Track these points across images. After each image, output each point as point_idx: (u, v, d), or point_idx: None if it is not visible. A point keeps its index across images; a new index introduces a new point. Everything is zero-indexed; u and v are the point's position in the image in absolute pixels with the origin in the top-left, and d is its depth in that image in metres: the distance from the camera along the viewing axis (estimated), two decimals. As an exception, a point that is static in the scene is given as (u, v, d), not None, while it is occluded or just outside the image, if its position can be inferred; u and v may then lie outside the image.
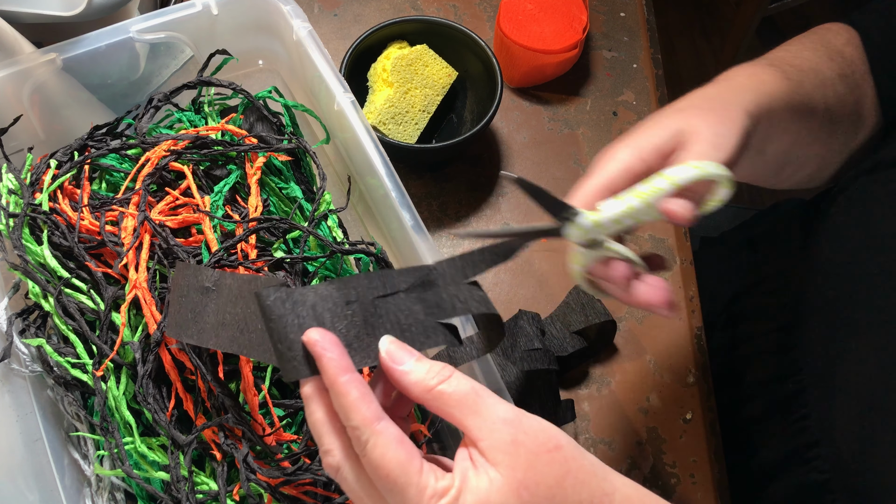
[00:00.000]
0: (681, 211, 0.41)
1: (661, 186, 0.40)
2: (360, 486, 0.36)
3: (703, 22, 2.04)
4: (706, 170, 0.40)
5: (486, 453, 0.35)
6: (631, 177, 0.44)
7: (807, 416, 0.57)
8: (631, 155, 0.44)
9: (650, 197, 0.41)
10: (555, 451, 0.35)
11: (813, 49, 0.57)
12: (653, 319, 0.72)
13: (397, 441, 0.34)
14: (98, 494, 0.55)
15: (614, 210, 0.41)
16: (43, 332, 0.57)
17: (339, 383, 0.35)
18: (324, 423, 0.36)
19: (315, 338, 0.36)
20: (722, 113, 0.45)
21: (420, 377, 0.36)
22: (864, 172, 0.56)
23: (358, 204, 0.66)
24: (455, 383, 0.36)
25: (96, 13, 0.61)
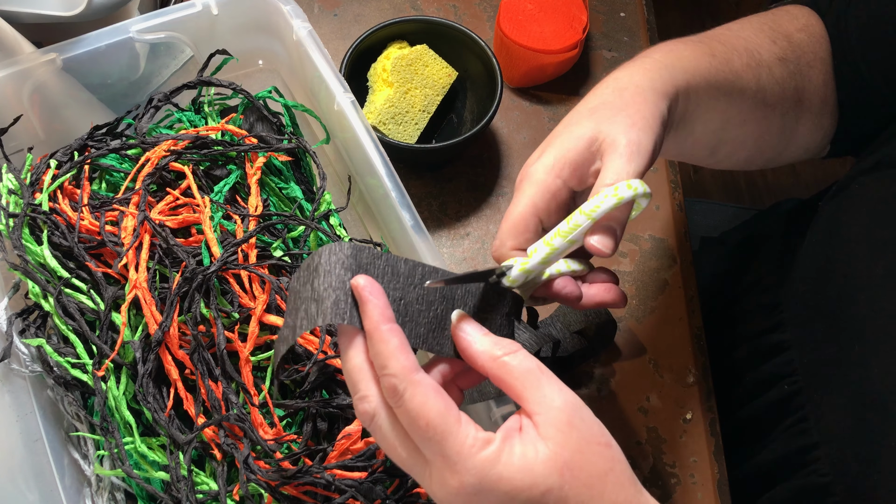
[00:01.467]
0: (603, 249, 0.42)
1: (581, 223, 0.42)
2: (395, 434, 0.36)
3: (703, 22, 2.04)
4: (621, 196, 0.41)
5: (540, 427, 0.35)
6: (551, 196, 0.45)
7: (806, 418, 0.57)
8: (547, 174, 0.45)
9: (571, 234, 0.42)
10: (605, 446, 0.36)
11: (756, 29, 0.56)
12: (653, 319, 0.72)
13: (435, 390, 0.35)
14: (98, 494, 0.55)
15: (540, 255, 0.43)
16: (43, 332, 0.57)
17: (381, 330, 0.35)
18: (362, 369, 0.37)
19: (363, 283, 0.36)
20: (635, 109, 0.45)
21: (487, 347, 0.37)
22: (863, 172, 0.56)
23: (358, 204, 0.66)
24: (521, 358, 0.37)
25: (96, 13, 0.61)
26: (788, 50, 0.56)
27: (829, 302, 0.56)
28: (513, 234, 0.44)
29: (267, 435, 0.52)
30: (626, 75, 0.48)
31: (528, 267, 0.43)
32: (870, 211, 0.54)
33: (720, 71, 0.51)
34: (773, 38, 0.56)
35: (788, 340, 0.60)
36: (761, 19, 0.58)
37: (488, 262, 0.74)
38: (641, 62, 0.49)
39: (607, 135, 0.44)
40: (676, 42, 0.53)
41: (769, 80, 0.54)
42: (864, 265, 0.53)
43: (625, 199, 0.41)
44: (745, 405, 0.66)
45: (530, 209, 0.44)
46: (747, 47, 0.54)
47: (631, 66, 0.49)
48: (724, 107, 0.53)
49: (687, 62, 0.50)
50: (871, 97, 0.57)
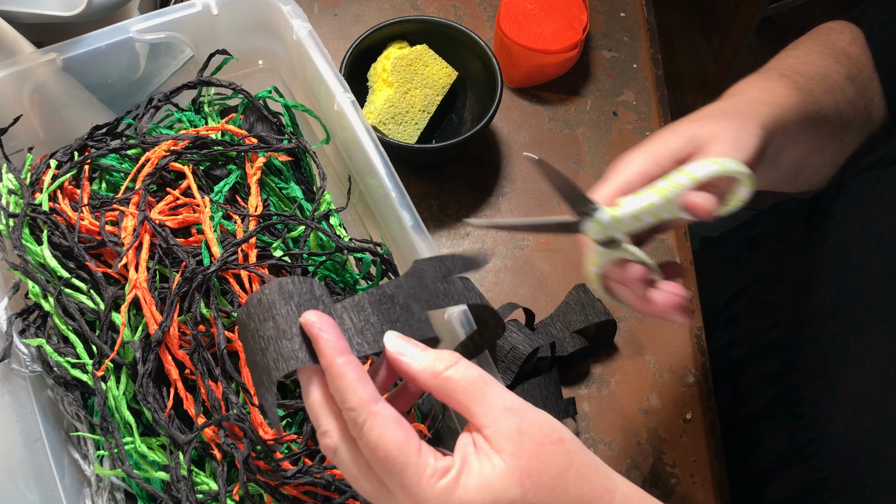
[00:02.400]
0: (703, 203, 0.40)
1: (681, 182, 0.40)
2: (358, 467, 0.36)
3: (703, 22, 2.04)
4: (726, 166, 0.39)
5: (491, 440, 0.35)
6: (647, 181, 0.44)
7: (804, 415, 0.57)
8: (647, 159, 0.44)
9: (670, 192, 0.40)
10: (558, 443, 0.35)
11: (819, 52, 0.57)
12: (653, 319, 0.72)
13: (395, 421, 0.34)
14: (98, 494, 0.55)
15: (634, 206, 0.41)
16: (43, 332, 0.57)
17: (336, 365, 0.35)
18: (321, 405, 0.36)
19: (312, 319, 0.36)
20: (739, 120, 0.45)
21: (427, 364, 0.36)
22: (863, 170, 0.56)
23: (358, 204, 0.66)
24: (462, 370, 0.36)
25: (96, 13, 0.61)
26: (852, 67, 0.56)
27: (826, 298, 0.56)
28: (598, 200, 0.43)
29: (267, 435, 0.52)
30: (728, 104, 0.48)
31: (619, 215, 0.40)
32: (868, 208, 0.54)
33: (807, 103, 0.51)
34: (836, 57, 0.56)
35: (786, 338, 0.61)
36: (816, 40, 0.58)
37: (488, 262, 0.74)
38: (740, 97, 0.49)
39: (711, 132, 0.44)
40: (762, 78, 0.53)
41: (844, 102, 0.55)
42: (862, 261, 0.53)
43: (730, 170, 0.39)
44: (744, 405, 0.66)
45: (622, 185, 0.43)
46: (820, 73, 0.54)
47: (731, 98, 0.49)
48: (811, 136, 0.53)
49: (781, 98, 0.50)
50: None
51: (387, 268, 0.58)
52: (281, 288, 0.37)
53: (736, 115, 0.46)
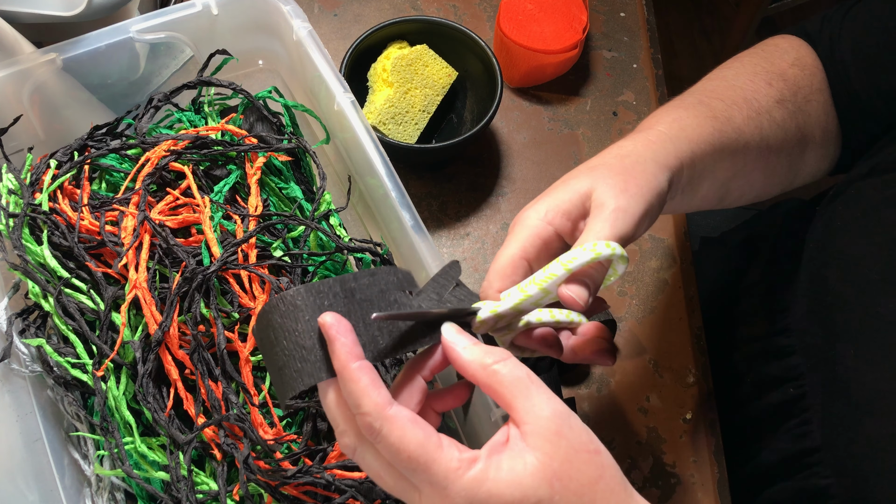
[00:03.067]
0: (575, 299, 0.42)
1: (557, 272, 0.42)
2: (380, 464, 0.36)
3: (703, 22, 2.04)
4: (599, 252, 0.41)
5: (528, 437, 0.35)
6: (541, 242, 0.45)
7: (809, 422, 0.57)
8: (539, 220, 0.45)
9: (547, 284, 0.42)
10: (594, 453, 0.36)
11: (752, 74, 0.57)
12: (653, 319, 0.72)
13: (412, 421, 0.35)
14: (98, 494, 0.55)
15: (512, 301, 0.42)
16: (43, 332, 0.57)
17: (350, 369, 0.35)
18: (338, 405, 0.37)
19: (329, 321, 0.36)
20: (632, 176, 0.45)
21: (477, 356, 0.37)
22: (860, 176, 0.56)
23: (358, 204, 0.66)
24: (511, 366, 0.37)
25: (96, 13, 0.61)
26: (785, 90, 0.56)
27: (828, 306, 0.56)
28: (500, 275, 0.44)
29: (267, 435, 0.52)
30: (630, 144, 0.49)
31: (500, 311, 0.42)
32: (865, 215, 0.54)
33: (723, 133, 0.52)
34: (769, 80, 0.56)
35: (794, 345, 0.60)
36: (754, 60, 0.58)
37: (487, 262, 0.74)
38: (646, 134, 0.50)
39: (598, 195, 0.45)
40: (678, 107, 0.53)
41: (770, 127, 0.55)
42: (860, 268, 0.53)
43: (602, 255, 0.41)
44: (746, 406, 0.66)
45: (519, 252, 0.44)
46: (745, 97, 0.54)
47: (635, 137, 0.50)
48: (729, 164, 0.53)
49: (691, 131, 0.50)
50: (869, 114, 0.58)
51: (387, 268, 0.58)
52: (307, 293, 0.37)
53: (632, 167, 0.46)
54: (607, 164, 0.47)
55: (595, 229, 0.43)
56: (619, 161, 0.47)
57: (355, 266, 0.62)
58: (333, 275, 0.59)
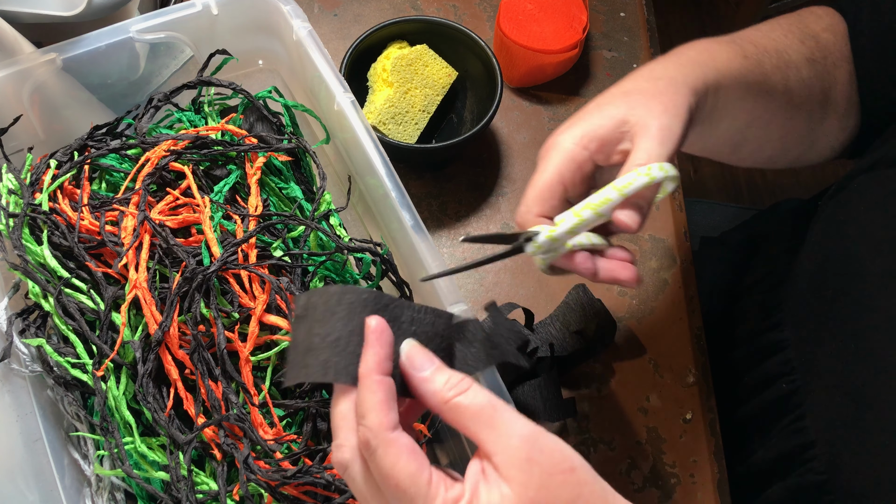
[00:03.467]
0: (629, 223, 0.43)
1: (611, 197, 0.43)
2: (367, 487, 0.36)
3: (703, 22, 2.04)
4: (653, 175, 0.42)
5: (500, 468, 0.34)
6: (576, 165, 0.45)
7: (804, 417, 0.57)
8: (574, 144, 0.46)
9: (601, 207, 0.43)
10: (569, 472, 0.35)
11: (785, 30, 0.57)
12: (653, 319, 0.72)
13: (409, 451, 0.34)
14: (98, 494, 0.55)
15: (568, 224, 0.44)
16: (43, 332, 0.57)
17: (372, 380, 0.35)
18: (346, 417, 0.36)
19: (373, 325, 0.36)
20: (667, 97, 0.46)
21: (438, 387, 0.36)
22: (862, 171, 0.56)
23: (358, 204, 0.66)
24: (472, 396, 0.35)
25: (96, 13, 0.61)
26: (816, 50, 0.57)
27: (827, 301, 0.56)
28: (538, 200, 0.45)
29: (267, 435, 0.52)
30: (661, 67, 0.49)
31: (556, 235, 0.44)
32: (867, 210, 0.54)
33: (751, 71, 0.52)
34: (802, 38, 0.57)
35: (787, 339, 0.61)
36: (789, 20, 0.59)
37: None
38: (677, 57, 0.50)
39: (640, 118, 0.45)
40: (710, 41, 0.53)
41: (797, 81, 0.55)
42: (861, 264, 0.53)
43: (656, 179, 0.42)
44: (744, 404, 0.66)
45: (556, 177, 0.45)
46: (777, 48, 0.55)
47: (665, 60, 0.50)
48: (752, 106, 0.53)
49: (720, 61, 0.51)
50: (885, 99, 0.58)
51: (387, 268, 0.58)
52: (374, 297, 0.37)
53: (665, 88, 0.46)
54: (640, 88, 0.47)
55: (645, 148, 0.44)
56: (652, 84, 0.47)
57: (355, 266, 0.62)
58: (334, 275, 0.59)
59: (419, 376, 0.36)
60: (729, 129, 0.54)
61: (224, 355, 0.52)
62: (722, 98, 0.50)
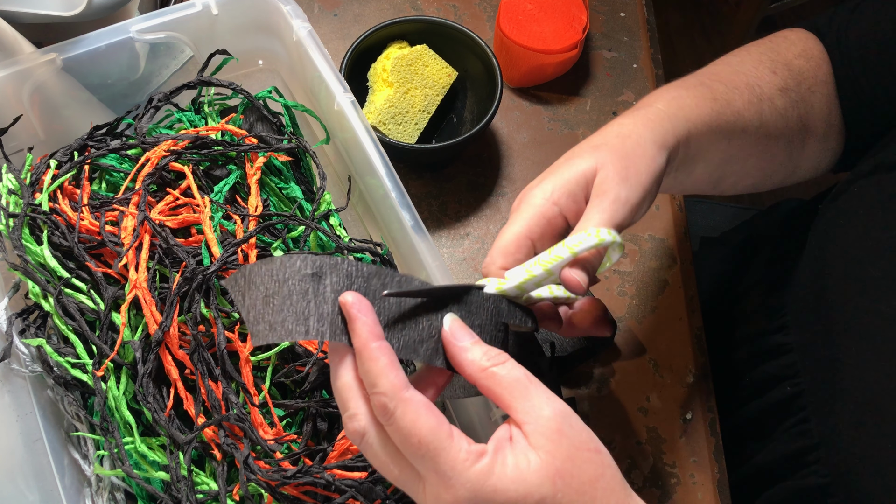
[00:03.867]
0: (579, 281, 0.43)
1: (562, 255, 0.43)
2: (386, 452, 0.36)
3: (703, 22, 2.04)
4: (602, 238, 0.43)
5: (530, 437, 0.35)
6: (545, 221, 0.45)
7: (807, 420, 0.57)
8: (545, 200, 0.46)
9: (551, 265, 0.43)
10: (595, 452, 0.36)
11: (756, 62, 0.57)
12: (653, 319, 0.72)
13: (426, 407, 0.35)
14: (98, 494, 0.55)
15: (516, 280, 0.44)
16: (43, 332, 0.57)
17: (370, 348, 0.35)
18: (351, 387, 0.37)
19: (350, 300, 0.36)
20: (632, 162, 0.46)
21: (476, 357, 0.37)
22: (862, 175, 0.56)
23: (358, 204, 0.66)
24: (509, 368, 0.37)
25: (96, 13, 0.61)
26: (789, 78, 0.56)
27: (828, 304, 0.56)
28: (503, 253, 0.45)
29: (267, 435, 0.52)
30: (630, 123, 0.49)
31: (504, 289, 0.43)
32: (866, 213, 0.54)
33: (721, 114, 0.52)
34: (773, 68, 0.57)
35: (791, 342, 0.60)
36: (760, 49, 0.59)
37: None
38: (645, 112, 0.50)
39: (600, 181, 0.45)
40: (679, 87, 0.53)
41: (771, 114, 0.55)
42: (861, 267, 0.53)
43: (604, 241, 0.42)
44: (745, 405, 0.66)
45: (524, 231, 0.45)
46: (748, 83, 0.55)
47: (635, 114, 0.50)
48: (726, 146, 0.53)
49: (689, 111, 0.51)
50: (875, 110, 0.58)
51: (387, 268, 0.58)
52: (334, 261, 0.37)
53: (633, 146, 0.46)
54: (609, 143, 0.47)
55: (594, 219, 0.44)
56: (620, 141, 0.47)
57: (355, 266, 0.62)
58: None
59: (459, 345, 0.38)
60: (705, 170, 0.54)
61: (224, 355, 0.52)
62: (694, 146, 0.50)
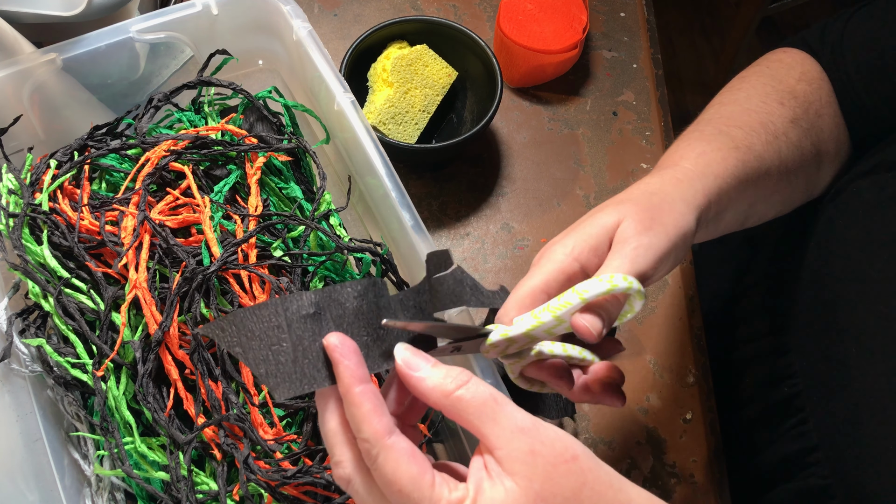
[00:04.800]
0: (588, 328, 0.41)
1: (572, 301, 0.41)
2: (372, 498, 0.36)
3: (703, 22, 2.04)
4: (615, 284, 0.41)
5: (503, 463, 0.34)
6: (565, 277, 0.44)
7: (806, 421, 0.57)
8: (566, 256, 0.44)
9: (560, 311, 0.41)
10: (571, 461, 0.35)
11: (763, 95, 0.56)
12: (653, 319, 0.72)
13: (408, 455, 0.34)
14: (98, 494, 0.55)
15: (524, 326, 0.42)
16: (43, 332, 0.57)
17: (353, 394, 0.34)
18: (336, 434, 0.36)
19: (335, 342, 0.35)
20: (658, 214, 0.45)
21: (437, 382, 0.36)
22: (861, 174, 0.56)
23: (358, 204, 0.66)
24: (473, 388, 0.35)
25: (96, 13, 0.61)
26: (797, 108, 0.56)
27: (827, 304, 0.56)
28: (518, 306, 0.43)
29: (267, 435, 0.52)
30: (658, 182, 0.48)
31: (511, 335, 0.42)
32: (865, 213, 0.54)
33: (746, 163, 0.51)
34: (780, 99, 0.56)
35: (789, 343, 0.60)
36: (761, 80, 0.58)
37: (488, 262, 0.74)
38: (672, 172, 0.49)
39: (622, 231, 0.44)
40: (700, 140, 0.52)
41: (788, 148, 0.55)
42: (860, 267, 0.53)
43: (618, 288, 0.41)
44: (745, 406, 0.66)
45: (541, 285, 0.44)
46: (762, 121, 0.54)
47: (661, 174, 0.49)
48: (752, 192, 0.53)
49: (716, 166, 0.50)
50: (875, 120, 0.58)
51: (387, 268, 0.58)
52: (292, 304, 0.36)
53: (660, 205, 0.46)
54: (634, 199, 0.46)
55: (613, 264, 0.43)
56: (646, 198, 0.46)
57: (355, 266, 0.62)
58: (334, 275, 0.59)
59: (417, 376, 0.36)
60: (734, 217, 0.54)
61: (224, 355, 0.52)
62: (724, 200, 0.50)
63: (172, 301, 0.52)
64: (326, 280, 0.59)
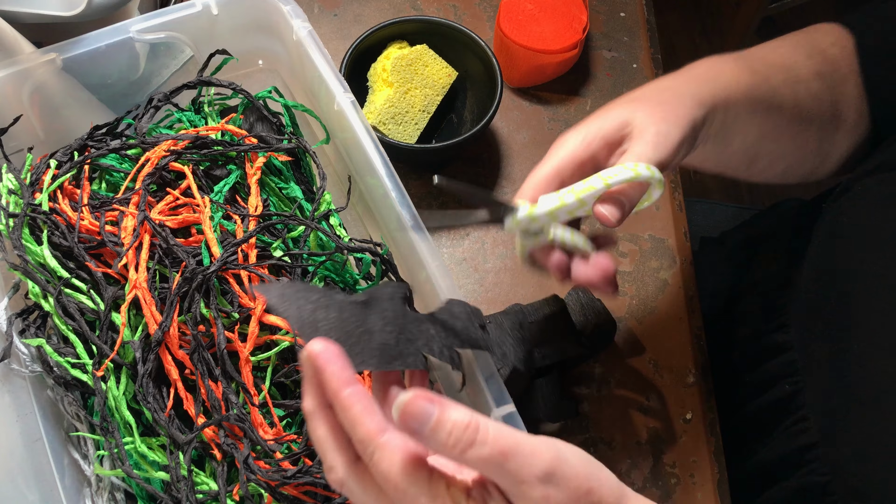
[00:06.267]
0: (608, 217, 0.44)
1: (595, 186, 0.44)
2: (368, 497, 0.36)
3: (703, 22, 2.04)
4: (639, 172, 0.44)
5: None
6: (577, 163, 0.47)
7: (806, 418, 0.57)
8: (578, 142, 0.48)
9: (584, 195, 0.44)
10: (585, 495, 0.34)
11: (793, 46, 0.58)
12: (653, 319, 0.72)
13: (402, 451, 0.34)
14: (98, 494, 0.55)
15: (549, 205, 0.45)
16: (43, 332, 0.57)
17: (343, 397, 0.34)
18: (326, 440, 0.36)
19: (317, 350, 0.35)
20: (670, 107, 0.48)
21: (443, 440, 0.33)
22: (866, 173, 0.56)
23: (358, 204, 0.66)
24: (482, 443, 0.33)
25: (96, 13, 0.61)
26: (824, 64, 0.57)
27: (829, 302, 0.56)
28: (534, 189, 0.47)
29: (267, 435, 0.52)
30: (669, 80, 0.51)
31: (536, 214, 0.45)
32: (869, 211, 0.54)
33: (759, 87, 0.53)
34: (809, 53, 0.58)
35: (790, 340, 0.60)
36: (797, 37, 0.60)
37: (488, 262, 0.74)
38: (686, 74, 0.52)
39: (640, 122, 0.47)
40: (718, 59, 0.55)
41: (806, 96, 0.56)
42: (863, 265, 0.53)
43: (641, 176, 0.43)
44: (745, 405, 0.66)
45: (555, 170, 0.47)
46: (785, 64, 0.56)
47: (674, 75, 0.52)
48: (762, 121, 0.54)
49: (728, 77, 0.52)
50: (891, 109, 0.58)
51: (387, 268, 0.58)
52: None
53: (671, 99, 0.48)
54: (646, 96, 0.49)
55: (637, 151, 0.45)
56: (657, 94, 0.49)
57: (355, 266, 0.62)
58: (334, 275, 0.59)
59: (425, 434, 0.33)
60: (742, 144, 0.55)
61: (224, 355, 0.52)
62: (732, 114, 0.52)
63: (172, 301, 0.52)
64: (326, 280, 0.59)
